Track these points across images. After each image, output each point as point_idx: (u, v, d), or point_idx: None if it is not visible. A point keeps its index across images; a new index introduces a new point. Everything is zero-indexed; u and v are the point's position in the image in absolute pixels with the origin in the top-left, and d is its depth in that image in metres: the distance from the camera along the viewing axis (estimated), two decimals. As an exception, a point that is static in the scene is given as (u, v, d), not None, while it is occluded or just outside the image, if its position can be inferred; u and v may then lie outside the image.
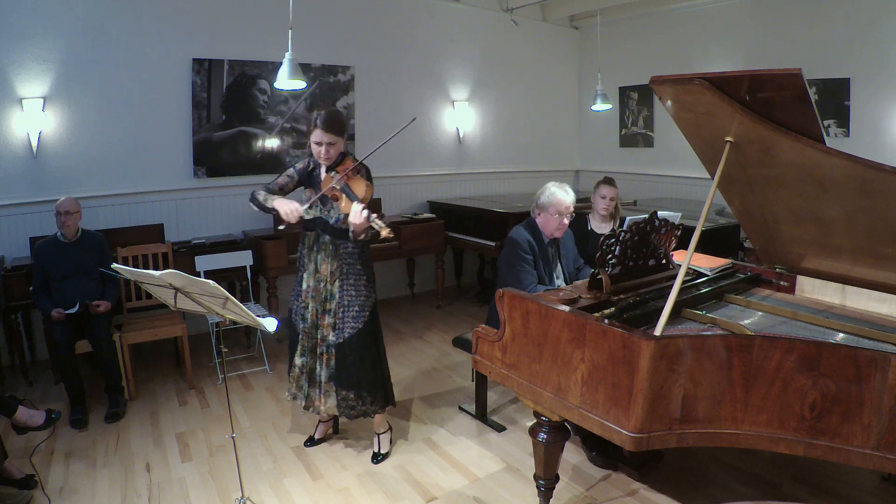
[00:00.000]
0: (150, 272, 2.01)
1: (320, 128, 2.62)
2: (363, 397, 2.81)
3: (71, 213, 3.49)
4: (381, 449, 2.96)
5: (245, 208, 4.97)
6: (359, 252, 2.77)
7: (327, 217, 2.73)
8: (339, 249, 2.73)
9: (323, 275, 2.75)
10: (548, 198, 3.04)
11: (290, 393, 2.91)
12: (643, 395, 1.75)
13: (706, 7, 5.78)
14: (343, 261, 2.74)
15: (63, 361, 3.30)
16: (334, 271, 2.74)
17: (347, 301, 2.75)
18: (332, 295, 2.75)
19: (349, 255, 2.75)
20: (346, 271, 2.74)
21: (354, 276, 2.76)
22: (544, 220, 3.07)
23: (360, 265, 2.77)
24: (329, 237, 2.73)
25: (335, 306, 2.75)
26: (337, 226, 2.71)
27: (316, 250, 2.76)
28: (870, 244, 2.17)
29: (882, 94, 4.65)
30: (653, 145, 6.47)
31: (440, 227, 5.41)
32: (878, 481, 2.69)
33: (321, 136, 2.63)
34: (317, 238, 2.76)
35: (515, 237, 3.07)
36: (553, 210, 3.02)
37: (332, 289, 2.75)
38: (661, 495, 2.61)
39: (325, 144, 2.64)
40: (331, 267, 2.74)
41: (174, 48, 4.51)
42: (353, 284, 2.75)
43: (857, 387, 1.68)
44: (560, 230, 3.08)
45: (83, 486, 2.72)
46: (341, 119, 2.72)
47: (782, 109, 1.93)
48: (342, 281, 2.74)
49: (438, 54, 5.98)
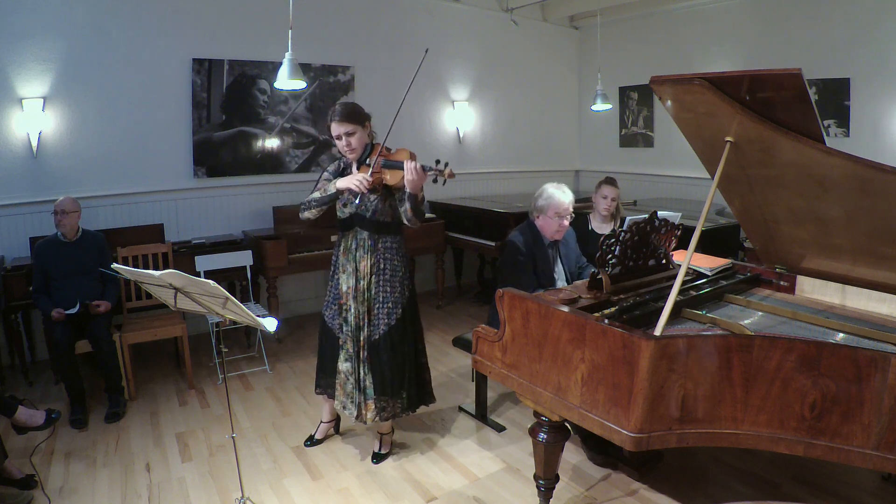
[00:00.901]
0: (150, 272, 2.01)
1: (335, 120, 2.60)
2: (394, 399, 2.77)
3: (68, 213, 3.49)
4: (383, 449, 2.96)
5: (245, 208, 5.01)
6: (396, 246, 2.75)
7: (364, 212, 2.69)
8: (377, 244, 2.71)
9: (363, 272, 2.71)
10: (546, 200, 3.01)
11: (341, 402, 2.79)
12: (643, 395, 1.75)
13: (706, 7, 5.78)
14: (381, 255, 2.71)
15: (63, 361, 3.30)
16: (372, 266, 2.71)
17: (382, 297, 2.72)
18: (370, 292, 2.73)
19: (387, 250, 2.72)
20: (382, 266, 2.71)
21: (391, 272, 2.73)
22: (543, 222, 3.05)
23: (397, 260, 2.75)
24: (367, 233, 2.70)
25: (371, 304, 2.73)
26: (374, 219, 2.69)
27: (355, 248, 2.72)
28: (870, 244, 2.17)
29: (882, 94, 4.65)
30: (653, 145, 6.47)
31: (440, 227, 5.41)
32: (878, 481, 2.69)
33: (338, 129, 2.61)
34: (355, 236, 2.73)
35: (514, 241, 3.04)
36: (552, 212, 3.00)
37: (365, 283, 2.72)
38: (661, 495, 2.61)
39: (345, 136, 2.61)
40: (369, 262, 2.70)
41: (174, 48, 4.51)
42: (388, 280, 2.72)
43: (857, 387, 1.68)
44: (560, 232, 3.06)
45: (83, 486, 2.72)
46: (356, 108, 2.67)
47: (782, 109, 1.93)
48: (378, 276, 2.71)
49: (438, 54, 5.97)
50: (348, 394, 2.77)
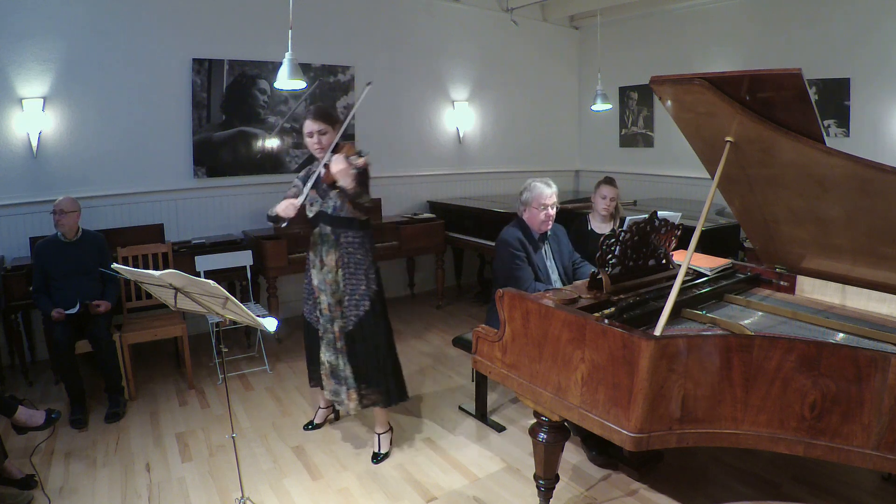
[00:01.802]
0: (150, 272, 2.01)
1: (309, 118, 2.74)
2: (372, 387, 2.87)
3: (67, 213, 3.48)
4: (381, 449, 2.97)
5: (245, 208, 5.01)
6: (359, 241, 2.82)
7: (326, 208, 2.79)
8: (339, 239, 2.79)
9: (329, 266, 2.81)
10: (530, 192, 3.09)
11: (331, 391, 2.91)
12: (643, 395, 1.75)
13: (706, 7, 5.78)
14: (344, 250, 2.80)
15: (63, 361, 3.30)
16: (337, 261, 2.80)
17: (350, 289, 2.82)
18: (339, 285, 2.82)
19: (349, 244, 2.81)
20: (346, 261, 2.81)
21: (354, 265, 2.82)
22: (530, 215, 3.11)
23: (360, 255, 2.83)
24: (330, 228, 2.79)
25: (341, 296, 2.82)
26: (335, 214, 2.77)
27: (320, 243, 2.83)
28: (870, 244, 2.17)
29: (882, 94, 4.65)
30: (653, 145, 6.47)
31: (440, 227, 5.41)
32: (878, 481, 2.69)
33: (310, 126, 2.73)
34: (320, 232, 2.83)
35: (506, 237, 3.11)
36: (536, 203, 3.06)
37: (335, 277, 2.81)
38: (661, 495, 2.61)
39: (316, 133, 2.72)
40: (334, 257, 2.80)
41: (174, 48, 4.51)
42: (353, 273, 2.82)
43: (857, 387, 1.68)
44: (546, 223, 3.12)
45: (83, 486, 2.72)
46: (329, 109, 2.85)
47: (782, 109, 1.93)
48: (344, 269, 2.81)
49: (438, 54, 5.98)
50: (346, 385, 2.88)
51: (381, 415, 2.98)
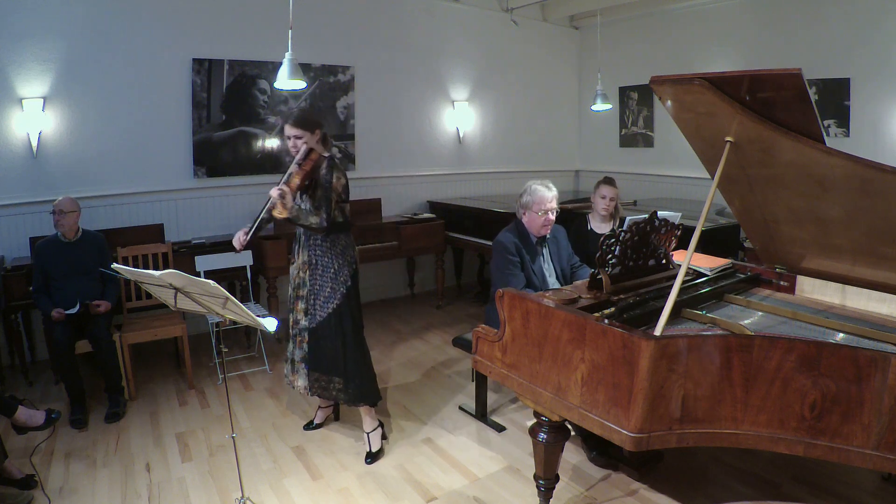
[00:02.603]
0: (150, 272, 2.01)
1: (289, 123, 2.83)
2: (334, 382, 2.92)
3: (66, 213, 3.48)
4: (372, 448, 2.97)
5: (245, 208, 5.01)
6: (328, 245, 2.89)
7: None
8: (309, 240, 2.91)
9: (298, 264, 2.96)
10: (530, 195, 3.05)
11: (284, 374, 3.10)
12: (643, 395, 1.75)
13: (706, 7, 5.78)
14: (312, 251, 2.90)
15: (63, 361, 3.30)
16: (305, 261, 2.92)
17: (318, 288, 2.90)
18: (304, 283, 2.93)
19: (317, 247, 2.90)
20: (315, 262, 2.90)
21: (322, 268, 2.90)
22: (529, 218, 3.07)
23: (328, 258, 2.90)
24: (300, 230, 2.93)
25: (306, 293, 2.92)
26: None
27: (296, 241, 2.99)
28: (870, 244, 2.17)
29: (882, 94, 4.65)
30: (653, 145, 6.47)
31: (440, 227, 5.41)
32: (878, 481, 2.69)
33: (288, 130, 2.83)
34: (296, 232, 2.98)
35: (502, 240, 3.07)
36: (536, 207, 3.02)
37: (304, 276, 2.93)
38: (661, 495, 2.61)
39: (292, 138, 2.82)
40: (303, 257, 2.93)
41: (174, 48, 4.51)
42: (321, 275, 2.90)
43: (857, 387, 1.68)
44: (546, 227, 3.07)
45: (83, 486, 2.72)
46: (309, 115, 2.96)
47: (782, 109, 1.93)
48: (312, 270, 2.91)
49: (438, 54, 5.98)
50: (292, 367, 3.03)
51: (366, 414, 2.99)
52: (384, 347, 4.55)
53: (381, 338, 4.77)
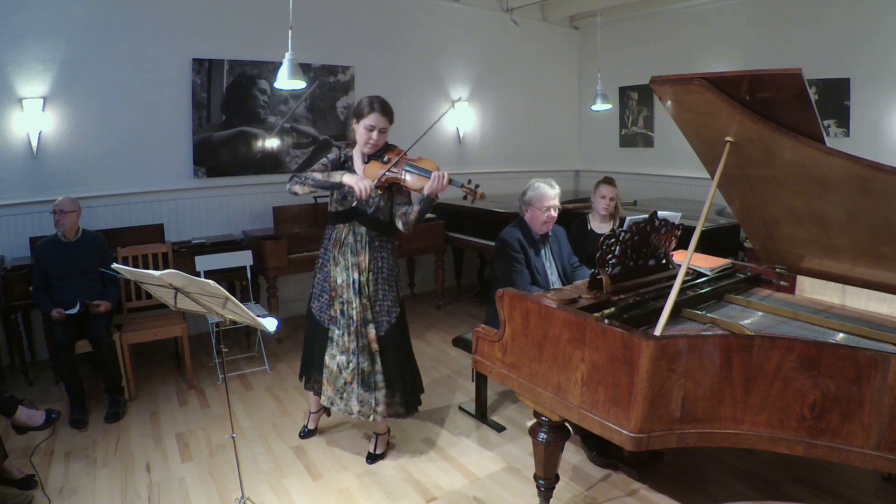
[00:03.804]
0: (150, 272, 2.01)
1: (378, 111, 2.61)
2: (398, 396, 2.79)
3: (66, 213, 3.48)
4: (378, 450, 2.95)
5: (245, 208, 5.01)
6: (391, 246, 2.78)
7: (366, 207, 2.70)
8: (374, 241, 2.72)
9: (362, 267, 2.71)
10: (533, 192, 3.07)
11: (328, 398, 2.78)
12: (643, 394, 1.75)
13: (706, 7, 5.78)
14: (378, 253, 2.73)
15: (63, 361, 3.30)
16: (370, 262, 2.71)
17: (382, 294, 2.74)
18: (366, 289, 2.72)
19: (383, 248, 2.75)
20: (380, 265, 2.73)
21: (388, 270, 2.76)
22: (532, 215, 3.10)
23: (392, 260, 2.78)
24: (365, 229, 2.70)
25: (371, 301, 2.72)
26: (374, 217, 2.70)
27: (353, 241, 2.70)
28: (870, 244, 2.17)
29: (882, 94, 4.65)
30: (653, 145, 6.47)
31: (440, 227, 5.41)
32: (878, 481, 2.69)
33: (377, 120, 2.60)
34: (352, 230, 2.71)
35: (506, 237, 3.09)
36: (539, 204, 3.05)
37: (362, 279, 2.71)
38: (661, 495, 2.61)
39: (378, 130, 2.62)
40: (367, 258, 2.71)
41: (174, 48, 4.51)
42: (385, 279, 2.75)
43: (857, 387, 1.68)
44: (548, 224, 3.10)
45: (83, 486, 2.72)
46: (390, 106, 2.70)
47: (782, 109, 1.93)
48: (376, 274, 2.72)
49: (438, 54, 5.98)
50: (338, 389, 2.74)
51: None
52: (384, 347, 4.55)
53: (381, 338, 4.76)
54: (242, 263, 4.30)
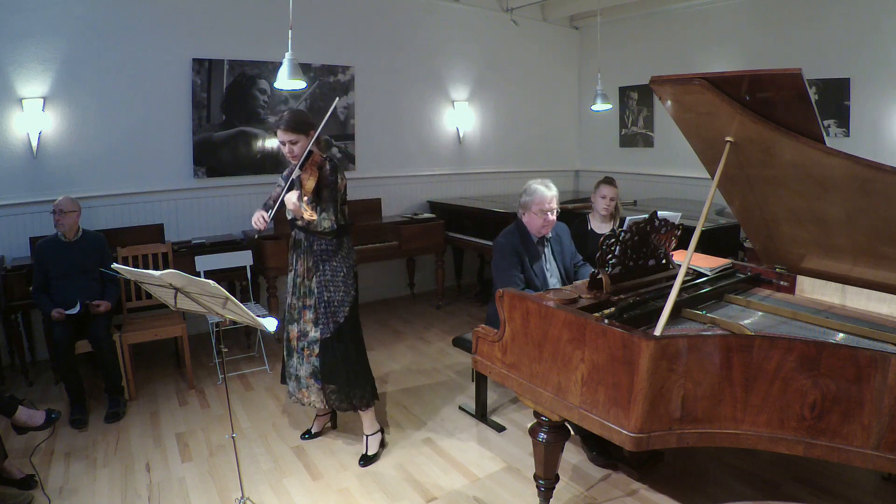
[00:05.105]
0: (150, 272, 2.01)
1: (280, 128, 2.70)
2: (350, 391, 2.87)
3: (66, 213, 3.48)
4: (369, 451, 2.95)
5: (245, 208, 5.01)
6: (334, 248, 2.81)
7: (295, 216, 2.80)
8: (312, 246, 2.80)
9: (300, 272, 2.84)
10: (530, 195, 3.03)
11: (289, 392, 2.99)
12: (643, 395, 1.75)
13: (706, 7, 5.78)
14: (318, 257, 2.79)
15: (63, 361, 3.30)
16: (310, 267, 2.81)
17: (327, 296, 2.80)
18: (311, 291, 2.82)
19: (323, 252, 2.80)
20: (322, 268, 2.80)
21: (331, 272, 2.81)
22: (529, 218, 3.06)
23: (335, 261, 2.82)
24: (303, 234, 2.81)
25: (315, 302, 2.81)
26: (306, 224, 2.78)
27: (294, 248, 2.86)
28: (870, 244, 2.17)
29: (882, 94, 4.65)
30: (653, 145, 6.47)
31: (440, 227, 5.41)
32: (878, 481, 2.69)
33: (281, 136, 2.72)
34: (295, 236, 2.86)
35: (501, 241, 3.06)
36: (536, 207, 3.00)
37: (309, 284, 2.82)
38: (661, 495, 2.61)
39: (288, 143, 2.71)
40: (307, 263, 2.82)
41: (174, 48, 4.51)
42: (330, 280, 2.80)
43: (857, 387, 1.68)
44: (546, 227, 3.05)
45: (83, 486, 2.72)
46: (301, 118, 2.74)
47: (782, 109, 1.93)
48: (319, 277, 2.80)
49: (438, 54, 5.98)
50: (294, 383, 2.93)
51: (367, 416, 2.97)
52: (384, 347, 4.55)
53: (381, 338, 4.76)
54: (242, 263, 4.30)
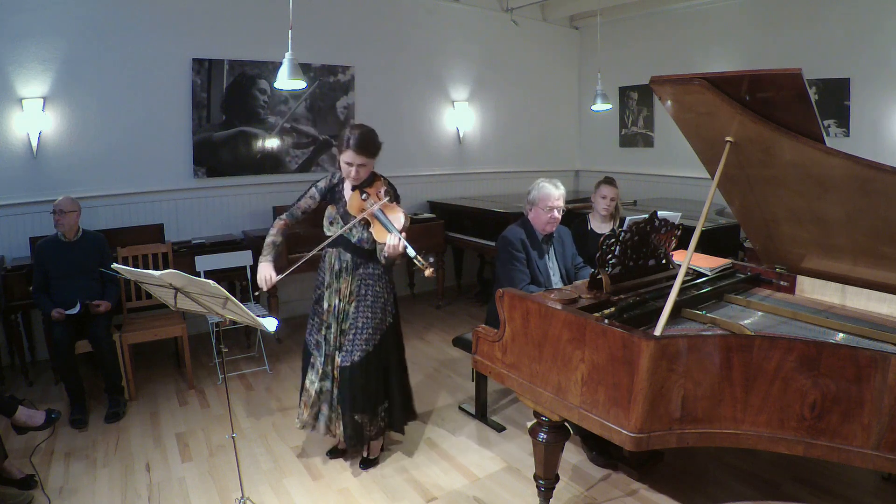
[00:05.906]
0: (151, 272, 2.01)
1: (352, 149, 2.52)
2: (364, 422, 2.73)
3: (66, 213, 3.48)
4: (371, 454, 2.92)
5: (245, 208, 5.01)
6: (379, 273, 2.72)
7: (349, 236, 2.68)
8: (358, 269, 2.69)
9: (343, 294, 2.70)
10: (538, 191, 3.08)
11: (301, 421, 2.80)
12: (643, 395, 1.75)
13: (706, 7, 5.78)
14: (362, 281, 2.70)
15: (63, 361, 3.30)
16: (353, 291, 2.70)
17: (362, 323, 2.69)
18: (348, 315, 2.71)
19: (369, 276, 2.70)
20: (364, 292, 2.69)
21: (372, 297, 2.70)
22: (535, 215, 3.11)
23: (379, 286, 2.72)
24: (350, 256, 2.69)
25: (348, 327, 2.70)
26: (358, 245, 2.68)
27: (338, 269, 2.70)
28: (870, 244, 2.17)
29: (882, 94, 4.65)
30: (653, 145, 6.47)
31: (440, 227, 5.41)
32: (878, 481, 2.69)
33: (352, 158, 2.54)
34: (338, 256, 2.71)
35: (508, 236, 3.10)
36: (543, 204, 3.06)
37: (348, 309, 2.70)
38: (661, 495, 2.61)
39: (357, 166, 2.56)
40: (350, 287, 2.70)
41: (174, 48, 4.51)
42: (369, 306, 2.70)
43: (857, 387, 1.68)
44: (551, 224, 3.10)
45: (83, 486, 2.72)
46: (375, 140, 2.59)
47: (782, 109, 1.93)
48: (359, 302, 2.69)
49: (438, 54, 5.98)
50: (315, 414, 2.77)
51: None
52: (384, 347, 4.55)
53: (381, 338, 4.76)
54: (242, 263, 4.30)
